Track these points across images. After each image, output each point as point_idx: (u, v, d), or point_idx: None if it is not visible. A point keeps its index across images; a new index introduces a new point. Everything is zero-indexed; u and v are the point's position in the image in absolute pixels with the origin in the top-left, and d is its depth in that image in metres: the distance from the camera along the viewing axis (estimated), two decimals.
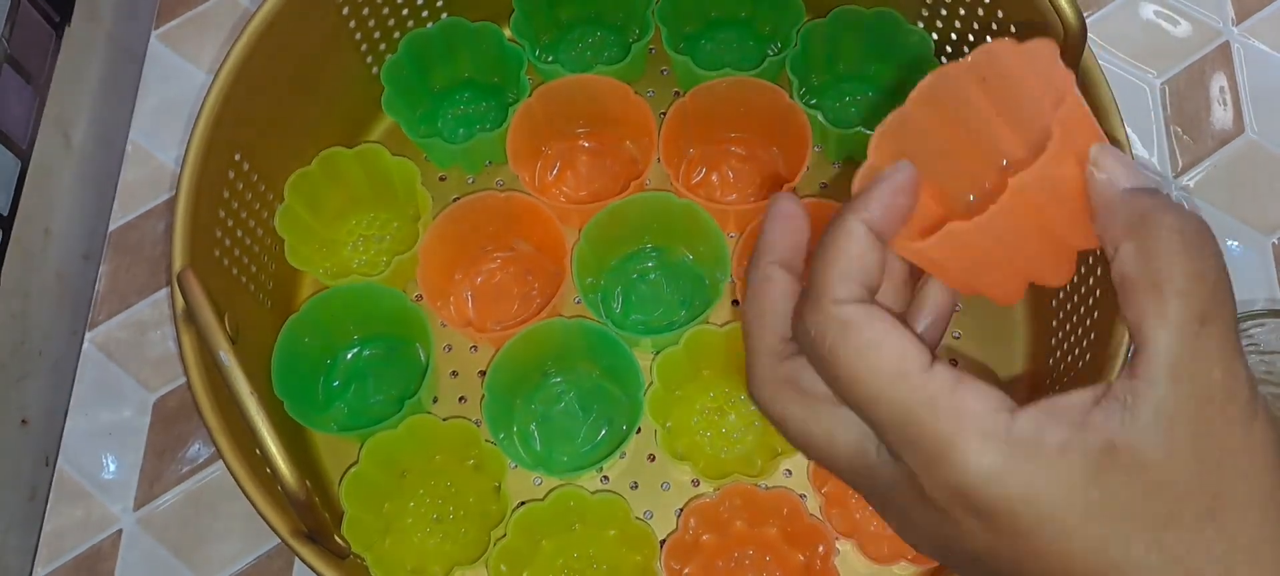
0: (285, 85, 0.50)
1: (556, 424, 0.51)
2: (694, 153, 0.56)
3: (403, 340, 0.53)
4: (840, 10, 0.54)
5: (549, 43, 0.59)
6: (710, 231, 0.50)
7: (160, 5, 0.62)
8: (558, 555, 0.49)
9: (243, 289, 0.49)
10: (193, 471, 0.52)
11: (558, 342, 0.50)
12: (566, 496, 0.48)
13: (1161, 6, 0.61)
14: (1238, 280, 0.54)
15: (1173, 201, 0.25)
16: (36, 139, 0.56)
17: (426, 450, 0.50)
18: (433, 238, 0.51)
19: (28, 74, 0.56)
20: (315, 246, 0.54)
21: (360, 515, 0.47)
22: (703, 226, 0.51)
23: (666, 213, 0.52)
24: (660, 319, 0.53)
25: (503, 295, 0.54)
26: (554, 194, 0.55)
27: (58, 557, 0.51)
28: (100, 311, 0.56)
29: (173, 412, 0.54)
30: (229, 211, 0.47)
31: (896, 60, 0.55)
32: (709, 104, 0.54)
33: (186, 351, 0.42)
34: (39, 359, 0.55)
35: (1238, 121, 0.58)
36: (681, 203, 0.51)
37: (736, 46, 0.59)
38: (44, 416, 0.55)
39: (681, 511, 0.48)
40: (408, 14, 0.55)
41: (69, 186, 0.58)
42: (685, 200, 0.51)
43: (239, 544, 0.51)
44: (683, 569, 0.47)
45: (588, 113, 0.55)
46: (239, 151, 0.48)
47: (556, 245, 0.51)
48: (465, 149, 0.54)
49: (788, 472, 0.50)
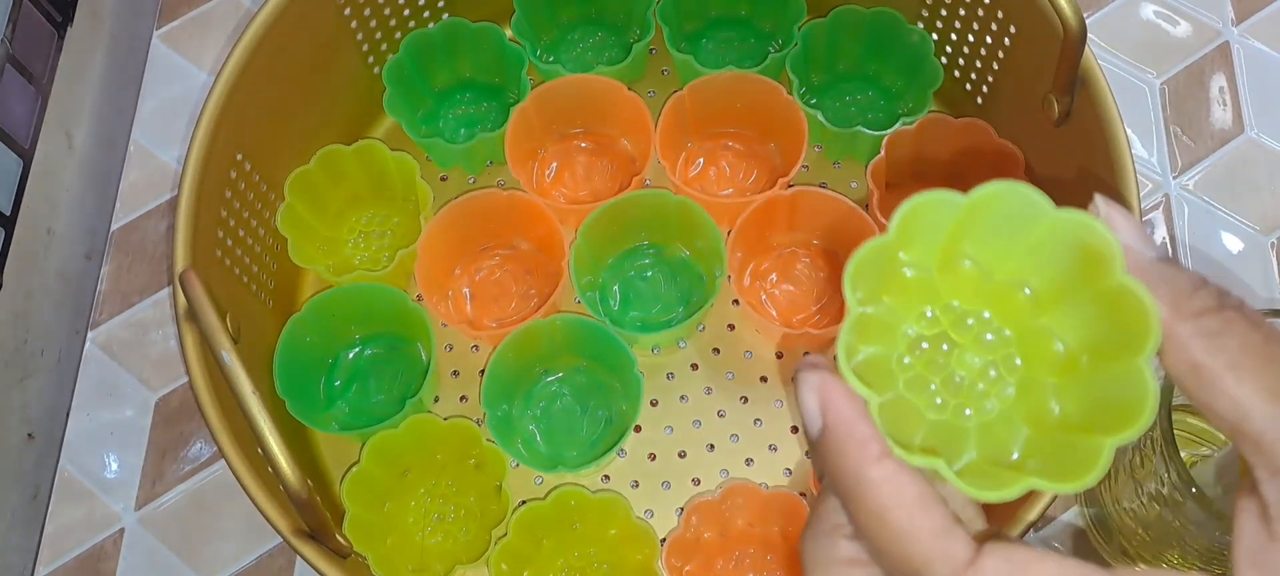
0: (287, 85, 0.50)
1: (557, 421, 0.51)
2: (691, 146, 0.56)
3: (404, 339, 0.53)
4: (840, 10, 0.54)
5: (550, 43, 0.59)
6: (707, 228, 0.51)
7: (162, 5, 0.62)
8: (559, 554, 0.49)
9: (244, 288, 0.49)
10: (194, 470, 0.53)
11: (547, 340, 0.50)
12: (567, 495, 0.48)
13: (1161, 6, 0.61)
14: (1238, 280, 0.54)
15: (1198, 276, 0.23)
16: (38, 139, 0.56)
17: (428, 449, 0.50)
18: (432, 234, 0.51)
19: (30, 74, 0.56)
20: (317, 244, 0.54)
21: (362, 514, 0.47)
22: (699, 223, 0.51)
23: (663, 210, 0.52)
24: (658, 316, 0.53)
25: (501, 293, 0.54)
26: (552, 195, 0.56)
27: (59, 557, 0.51)
28: (102, 311, 0.56)
29: (174, 412, 0.54)
30: (231, 211, 0.48)
31: (896, 60, 0.55)
32: (706, 98, 0.54)
33: (188, 351, 0.42)
34: (41, 358, 0.55)
35: (1237, 121, 0.58)
36: (678, 200, 0.51)
37: (737, 45, 0.59)
38: (46, 415, 0.55)
39: (683, 509, 0.48)
40: (409, 14, 0.55)
41: (71, 186, 0.59)
42: (681, 197, 0.51)
43: (240, 543, 0.51)
44: (684, 566, 0.48)
45: (584, 113, 0.56)
46: (241, 151, 0.48)
47: (556, 244, 0.52)
48: (466, 149, 0.54)
49: (788, 472, 0.50)
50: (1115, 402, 0.22)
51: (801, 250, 0.54)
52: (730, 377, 0.52)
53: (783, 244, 0.54)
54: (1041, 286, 0.24)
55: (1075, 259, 0.23)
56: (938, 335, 0.25)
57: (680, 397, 0.52)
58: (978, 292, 0.25)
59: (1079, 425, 0.23)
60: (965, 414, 0.25)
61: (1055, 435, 0.24)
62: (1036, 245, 0.24)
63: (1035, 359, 0.25)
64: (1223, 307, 0.22)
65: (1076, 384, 0.24)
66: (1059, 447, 0.24)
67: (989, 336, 0.25)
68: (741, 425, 0.51)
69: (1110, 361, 0.23)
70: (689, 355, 0.53)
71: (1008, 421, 0.25)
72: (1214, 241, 0.55)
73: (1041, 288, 0.24)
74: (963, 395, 0.25)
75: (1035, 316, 0.25)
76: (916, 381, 0.25)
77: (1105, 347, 0.23)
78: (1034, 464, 0.24)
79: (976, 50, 0.52)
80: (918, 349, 0.25)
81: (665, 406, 0.52)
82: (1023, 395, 0.25)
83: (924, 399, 0.25)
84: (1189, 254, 0.55)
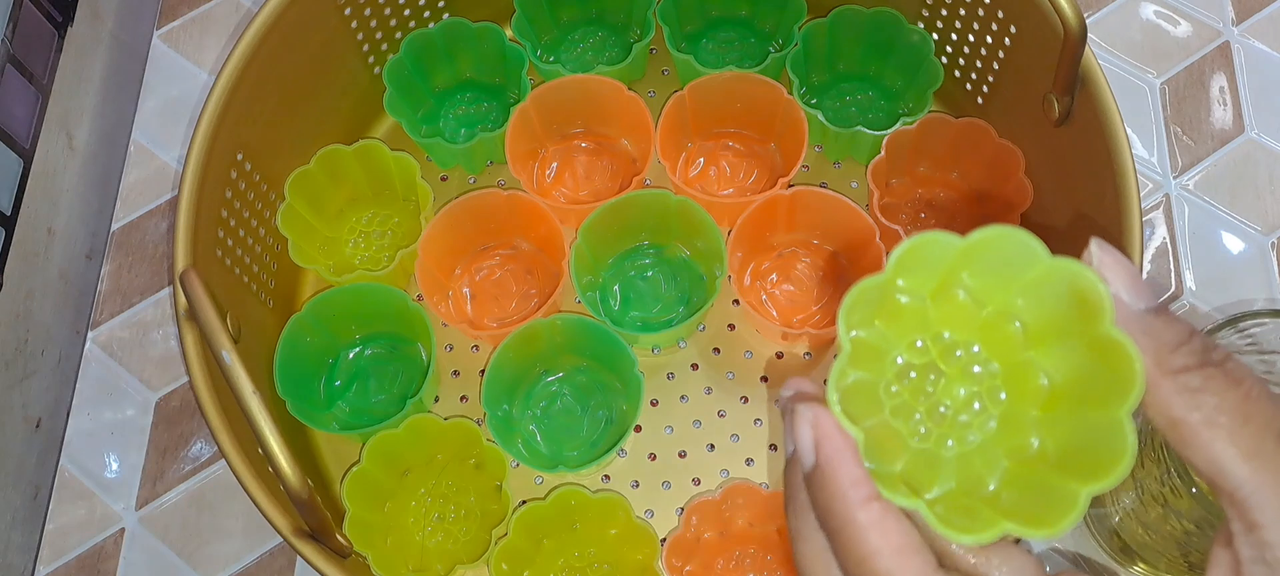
0: (287, 85, 0.50)
1: (557, 421, 0.51)
2: (692, 146, 0.56)
3: (404, 339, 0.53)
4: (841, 9, 0.54)
5: (550, 43, 0.59)
6: (707, 227, 0.51)
7: (162, 5, 0.63)
8: (559, 554, 0.49)
9: (245, 288, 0.49)
10: (195, 470, 0.53)
11: (547, 340, 0.50)
12: (568, 495, 0.48)
13: (1161, 6, 0.61)
14: (1238, 280, 0.54)
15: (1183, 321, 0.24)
16: (39, 139, 0.56)
17: (428, 449, 0.50)
18: (433, 234, 0.51)
19: (30, 74, 0.56)
20: (318, 244, 0.54)
21: (362, 514, 0.47)
22: (700, 223, 0.51)
23: (663, 210, 0.52)
24: (658, 316, 0.53)
25: (502, 293, 0.54)
26: (553, 195, 0.56)
27: (60, 556, 0.51)
28: (103, 311, 0.56)
29: (175, 412, 0.54)
30: (231, 211, 0.48)
31: (897, 60, 0.56)
32: (706, 98, 0.54)
33: (189, 350, 0.42)
34: (41, 358, 0.55)
35: (1238, 121, 0.58)
36: (678, 200, 0.51)
37: (738, 45, 0.59)
38: (47, 415, 0.55)
39: (683, 509, 0.48)
40: (409, 14, 0.55)
41: (71, 186, 0.59)
42: (682, 197, 0.51)
43: (241, 542, 0.51)
44: (684, 566, 0.48)
45: (584, 113, 0.56)
46: (241, 151, 0.48)
47: (557, 244, 0.52)
48: (466, 149, 0.55)
49: None
50: (1093, 449, 0.23)
51: (802, 250, 0.54)
52: (730, 377, 0.52)
53: (783, 244, 0.54)
54: (1033, 321, 0.25)
55: (1067, 304, 0.24)
56: (926, 365, 0.26)
57: (680, 397, 0.52)
58: (969, 323, 0.26)
59: (1057, 464, 0.24)
60: (948, 443, 0.25)
61: (1033, 471, 0.24)
62: (1030, 287, 0.24)
63: (1020, 392, 0.25)
64: (1205, 364, 0.23)
65: (1058, 421, 0.24)
66: (1036, 486, 0.24)
67: (977, 369, 0.26)
68: (742, 425, 0.51)
69: (1093, 407, 0.23)
70: (689, 355, 0.53)
71: (988, 453, 0.25)
72: (1214, 241, 0.55)
73: (1033, 323, 0.25)
74: (946, 425, 0.26)
75: (1023, 350, 0.25)
76: (902, 409, 0.26)
77: (1089, 393, 0.24)
78: (1010, 497, 0.24)
79: (977, 50, 0.52)
80: (906, 377, 0.26)
81: (665, 406, 0.52)
82: (1004, 428, 0.25)
83: (908, 427, 0.26)
84: (1189, 254, 0.55)
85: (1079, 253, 0.25)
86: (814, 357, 0.52)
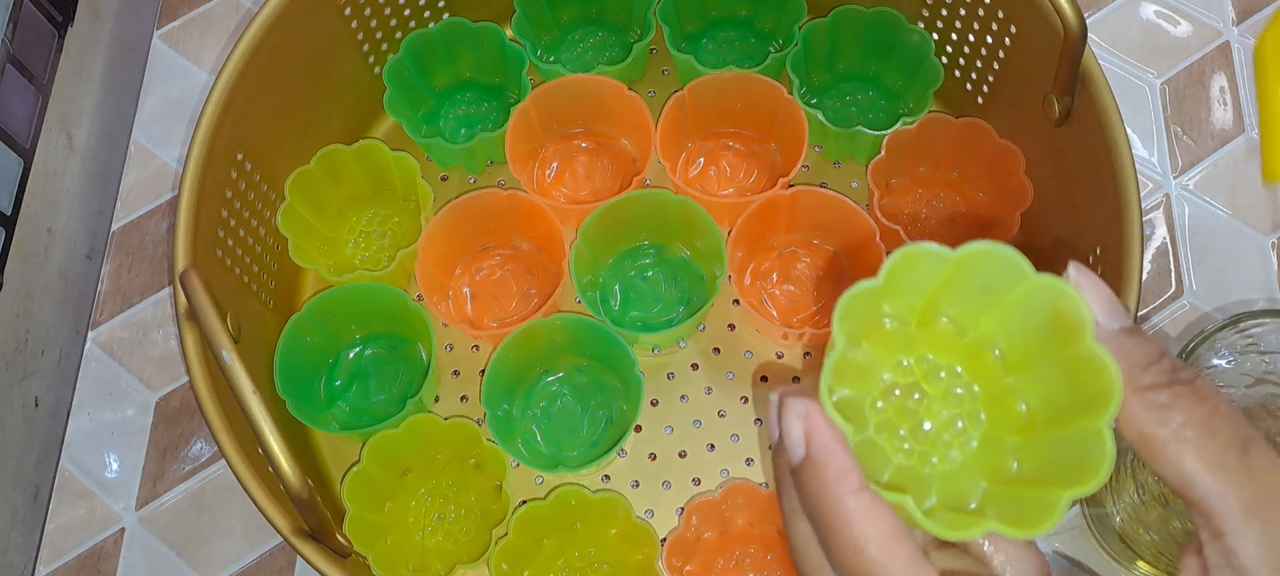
0: (287, 85, 0.50)
1: (557, 421, 0.51)
2: (692, 146, 0.56)
3: (404, 339, 0.53)
4: (841, 9, 0.54)
5: (550, 43, 0.59)
6: (707, 227, 0.51)
7: (162, 5, 0.63)
8: (559, 554, 0.49)
9: (245, 288, 0.49)
10: (195, 470, 0.53)
11: (547, 340, 0.50)
12: (568, 495, 0.48)
13: (1161, 6, 0.61)
14: (1238, 280, 0.54)
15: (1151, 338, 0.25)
16: (39, 139, 0.56)
17: (428, 449, 0.50)
18: (433, 234, 0.51)
19: (31, 74, 0.56)
20: (318, 244, 0.54)
21: (362, 514, 0.47)
22: (700, 223, 0.51)
23: (663, 210, 0.52)
24: (659, 315, 0.53)
25: (502, 293, 0.54)
26: (553, 195, 0.56)
27: (60, 556, 0.51)
28: (103, 311, 0.56)
29: (175, 411, 0.54)
30: (231, 211, 0.48)
31: (897, 60, 0.56)
32: (706, 98, 0.54)
33: (189, 350, 0.42)
34: (42, 358, 0.55)
35: (1238, 121, 0.58)
36: (678, 200, 0.51)
37: (738, 45, 0.59)
38: (47, 415, 0.55)
39: (683, 509, 0.48)
40: (409, 14, 0.55)
41: (72, 186, 0.59)
42: (682, 197, 0.51)
43: (241, 542, 0.51)
44: (684, 566, 0.48)
45: (584, 113, 0.56)
46: (241, 151, 0.48)
47: (557, 244, 0.52)
48: (467, 149, 0.55)
49: None
50: (1073, 460, 0.24)
51: (802, 250, 0.54)
52: (731, 377, 0.52)
53: (783, 244, 0.54)
54: (1012, 349, 0.26)
55: (1047, 322, 0.25)
56: (910, 384, 0.27)
57: (681, 397, 0.52)
58: (951, 349, 0.27)
59: (1036, 481, 0.25)
60: (930, 460, 0.26)
61: (1013, 489, 0.25)
62: (1013, 305, 0.25)
63: (1000, 417, 0.26)
64: (1173, 382, 0.24)
65: (1036, 445, 0.25)
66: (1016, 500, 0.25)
67: (959, 390, 0.27)
68: (742, 425, 0.51)
69: (1071, 422, 0.24)
70: (689, 355, 0.53)
71: (968, 472, 0.26)
72: (1214, 241, 0.55)
73: (1011, 350, 0.26)
74: (928, 443, 0.26)
75: (1003, 376, 0.26)
76: (887, 425, 0.27)
77: (1067, 410, 0.25)
78: (992, 513, 0.25)
79: (977, 50, 0.52)
80: (891, 395, 0.27)
81: (666, 406, 0.52)
82: (984, 449, 0.26)
83: (892, 443, 0.26)
84: (1189, 254, 0.55)
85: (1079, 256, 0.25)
86: (814, 358, 0.52)
